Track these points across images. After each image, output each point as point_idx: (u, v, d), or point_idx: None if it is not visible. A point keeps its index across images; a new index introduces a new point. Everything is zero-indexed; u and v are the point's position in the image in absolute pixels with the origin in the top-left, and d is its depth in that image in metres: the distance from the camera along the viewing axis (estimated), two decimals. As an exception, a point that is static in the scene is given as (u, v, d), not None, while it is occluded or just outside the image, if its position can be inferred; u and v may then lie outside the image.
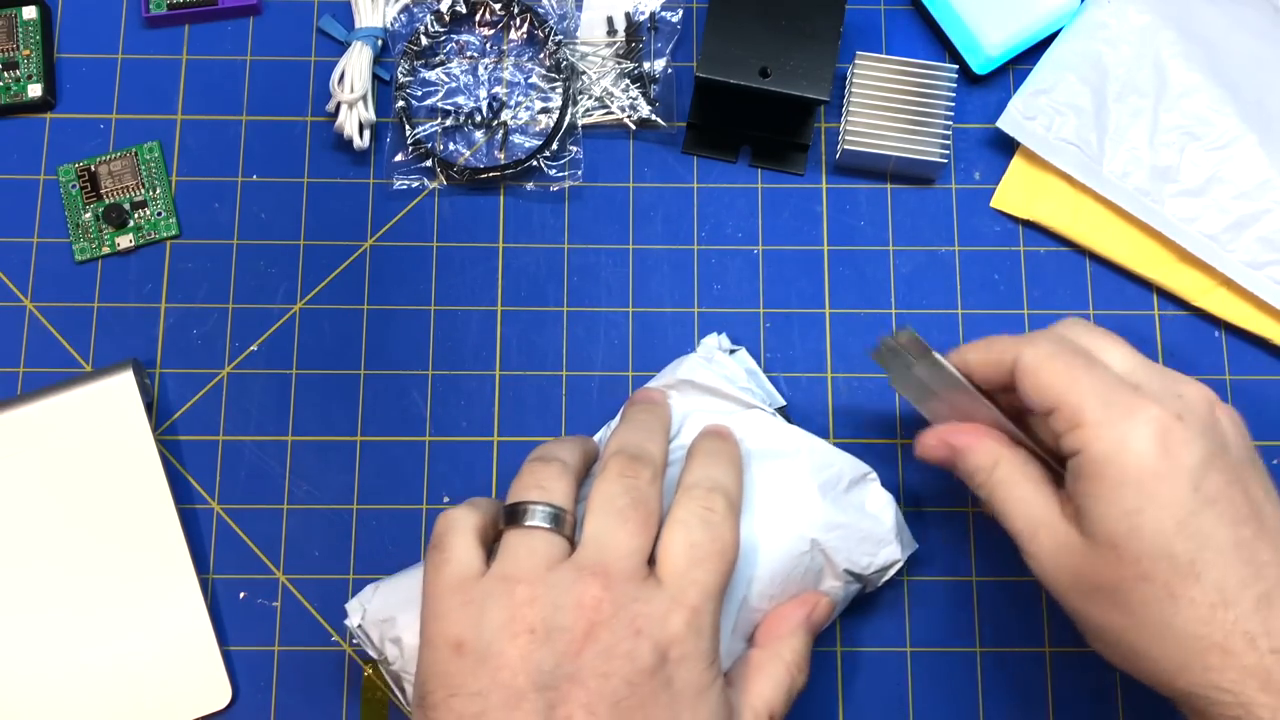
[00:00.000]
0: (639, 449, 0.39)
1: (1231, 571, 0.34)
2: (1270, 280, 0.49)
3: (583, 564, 0.35)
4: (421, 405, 0.49)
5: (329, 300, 0.50)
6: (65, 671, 0.45)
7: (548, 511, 0.37)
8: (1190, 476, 0.34)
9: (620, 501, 0.37)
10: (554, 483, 0.38)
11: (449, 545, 0.37)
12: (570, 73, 0.51)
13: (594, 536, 0.36)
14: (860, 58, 0.51)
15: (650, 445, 0.40)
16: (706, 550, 0.36)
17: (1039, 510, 0.38)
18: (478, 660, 0.34)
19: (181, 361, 0.50)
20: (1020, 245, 0.51)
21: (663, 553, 0.36)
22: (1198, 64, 0.50)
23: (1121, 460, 0.35)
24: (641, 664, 0.34)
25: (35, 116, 0.52)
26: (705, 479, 0.39)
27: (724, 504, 0.38)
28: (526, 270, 0.51)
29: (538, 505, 0.37)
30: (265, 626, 0.47)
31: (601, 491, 0.37)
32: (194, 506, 0.48)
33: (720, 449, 0.41)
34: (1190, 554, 0.34)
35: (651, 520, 0.37)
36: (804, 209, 0.52)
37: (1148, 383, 0.37)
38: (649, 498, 0.37)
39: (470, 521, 0.38)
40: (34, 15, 0.52)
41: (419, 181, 0.51)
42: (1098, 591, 0.36)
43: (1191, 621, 0.34)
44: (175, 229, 0.51)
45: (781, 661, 0.39)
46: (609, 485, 0.37)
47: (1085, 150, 0.50)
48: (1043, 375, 0.37)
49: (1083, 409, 0.36)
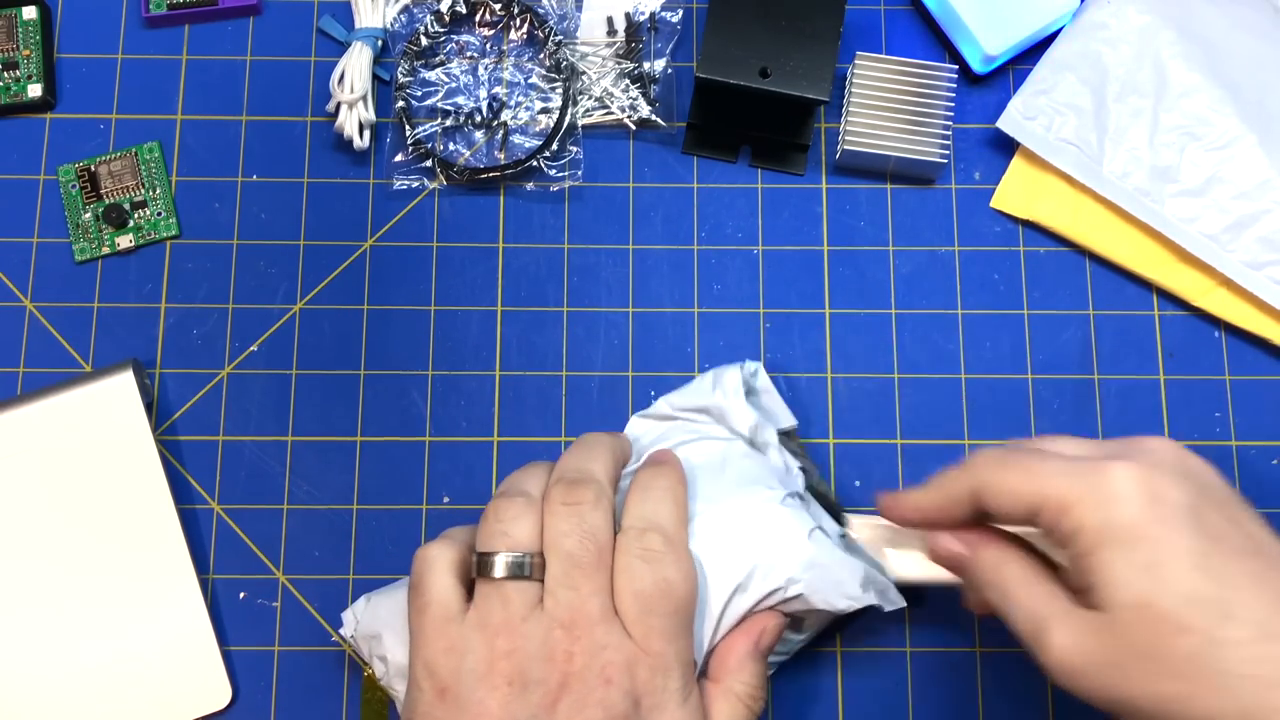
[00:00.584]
0: (577, 471, 0.39)
1: (1260, 604, 0.33)
2: (1270, 280, 0.49)
3: (552, 616, 0.36)
4: (421, 405, 0.49)
5: (329, 300, 0.50)
6: (65, 671, 0.45)
7: (512, 562, 0.37)
8: (1187, 517, 0.34)
9: (569, 543, 0.37)
10: (517, 525, 0.38)
11: (428, 587, 0.38)
12: (570, 73, 0.51)
13: (554, 586, 0.37)
14: (860, 58, 0.51)
15: (591, 465, 0.40)
16: (652, 594, 0.37)
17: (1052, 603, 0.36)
18: (459, 709, 0.36)
19: (181, 361, 0.50)
20: (1020, 245, 0.51)
21: (616, 601, 0.37)
22: (1198, 64, 0.50)
23: (1118, 522, 0.34)
24: (615, 711, 0.36)
25: (35, 116, 0.52)
26: (639, 518, 0.38)
27: (660, 541, 0.38)
28: (526, 270, 0.51)
29: (502, 556, 0.37)
30: (265, 626, 0.47)
31: (549, 529, 0.38)
32: (194, 506, 0.48)
33: (654, 481, 0.40)
34: (1216, 592, 0.33)
35: (604, 553, 0.37)
36: (804, 209, 0.52)
37: (1111, 450, 0.36)
38: (596, 527, 0.37)
39: (446, 560, 0.38)
40: (34, 15, 0.52)
41: (419, 181, 0.51)
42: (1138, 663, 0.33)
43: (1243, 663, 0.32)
44: (175, 229, 0.51)
45: (734, 695, 0.39)
46: (554, 521, 0.38)
47: (1085, 150, 0.50)
48: (1009, 483, 0.36)
49: (1062, 493, 0.34)
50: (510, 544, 0.37)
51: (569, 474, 0.39)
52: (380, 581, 0.47)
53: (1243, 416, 0.49)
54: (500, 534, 0.38)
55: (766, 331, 0.50)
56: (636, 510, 0.39)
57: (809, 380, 0.50)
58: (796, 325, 0.50)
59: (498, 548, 0.37)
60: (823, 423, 0.49)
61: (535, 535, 0.38)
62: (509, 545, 0.37)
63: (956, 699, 0.47)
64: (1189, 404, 0.49)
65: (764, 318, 0.50)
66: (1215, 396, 0.50)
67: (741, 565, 0.40)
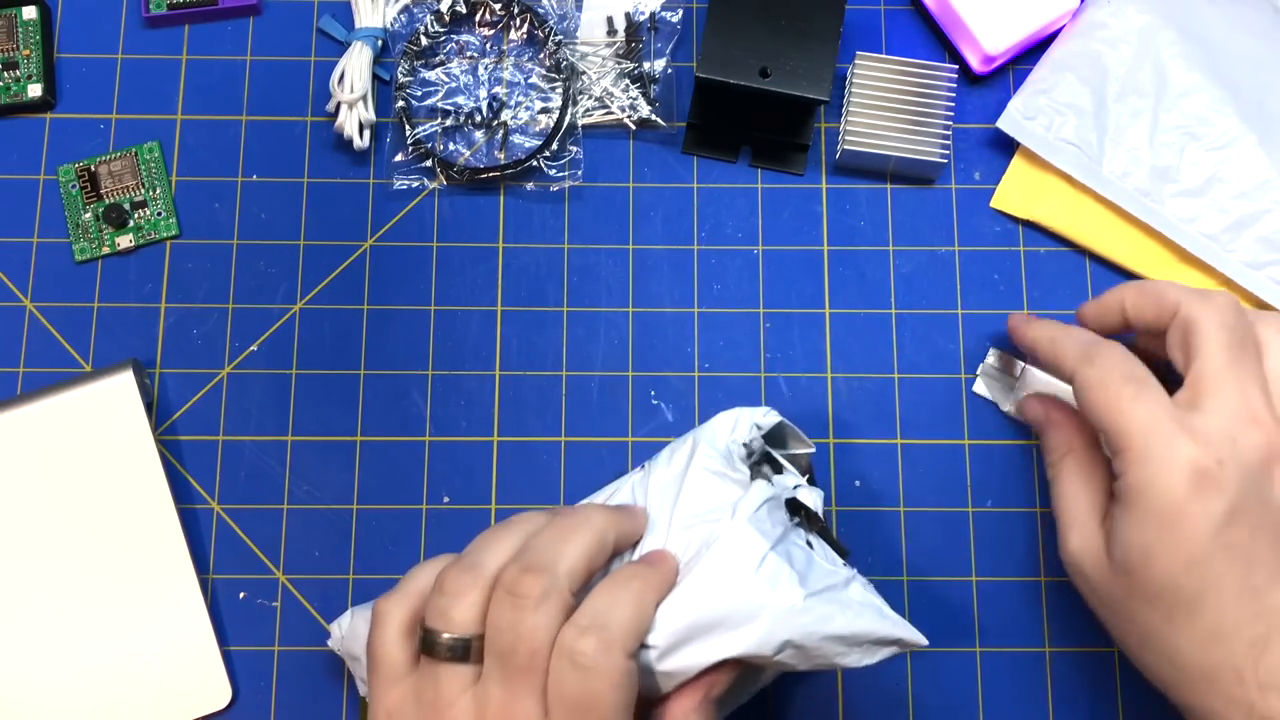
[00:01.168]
0: (539, 555, 0.36)
1: (1230, 613, 0.36)
2: (1270, 280, 0.49)
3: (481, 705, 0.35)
4: (421, 405, 0.49)
5: (329, 300, 0.50)
6: (65, 671, 0.45)
7: (451, 644, 0.36)
8: (1213, 522, 0.36)
9: (504, 640, 0.35)
10: (458, 604, 0.36)
11: (376, 646, 0.37)
12: (570, 73, 0.51)
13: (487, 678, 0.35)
14: (860, 58, 0.51)
15: (560, 549, 0.37)
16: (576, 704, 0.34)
17: (1081, 512, 0.41)
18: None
19: (181, 361, 0.50)
20: (1020, 245, 0.51)
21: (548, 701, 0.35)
22: (1198, 64, 0.50)
23: (1151, 494, 0.37)
24: None
25: (35, 116, 0.52)
26: (588, 614, 0.35)
27: (596, 647, 0.34)
28: (526, 270, 0.51)
29: (443, 637, 0.36)
30: (265, 626, 0.47)
31: (490, 616, 0.36)
32: (194, 506, 0.48)
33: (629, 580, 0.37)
34: (1193, 591, 0.36)
35: (539, 655, 0.35)
36: (804, 209, 0.52)
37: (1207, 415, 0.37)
38: (535, 628, 0.35)
39: (397, 619, 0.37)
40: (34, 15, 0.52)
41: (419, 181, 0.51)
42: (1110, 602, 0.39)
43: (1188, 648, 0.37)
44: (175, 229, 0.51)
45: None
46: (496, 610, 0.36)
47: (1085, 150, 0.50)
48: (1091, 400, 0.39)
49: (1127, 437, 0.37)
50: (449, 625, 0.36)
51: (529, 556, 0.36)
52: (380, 581, 0.47)
53: None
54: (441, 613, 0.36)
55: (766, 331, 0.50)
56: (591, 605, 0.36)
57: (809, 380, 0.50)
58: (796, 325, 0.50)
59: (439, 627, 0.36)
60: (823, 423, 0.49)
61: (478, 617, 0.36)
62: (449, 626, 0.36)
63: (955, 699, 0.47)
64: (1189, 404, 0.49)
65: (764, 318, 0.50)
66: (1215, 396, 0.50)
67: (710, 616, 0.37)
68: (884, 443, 0.49)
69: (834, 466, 0.49)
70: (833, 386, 0.50)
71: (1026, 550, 0.48)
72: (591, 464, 0.49)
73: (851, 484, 0.49)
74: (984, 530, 0.48)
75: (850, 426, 0.49)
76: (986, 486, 0.49)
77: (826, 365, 0.50)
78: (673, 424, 0.49)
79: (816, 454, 0.49)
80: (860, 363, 0.50)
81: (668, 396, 0.50)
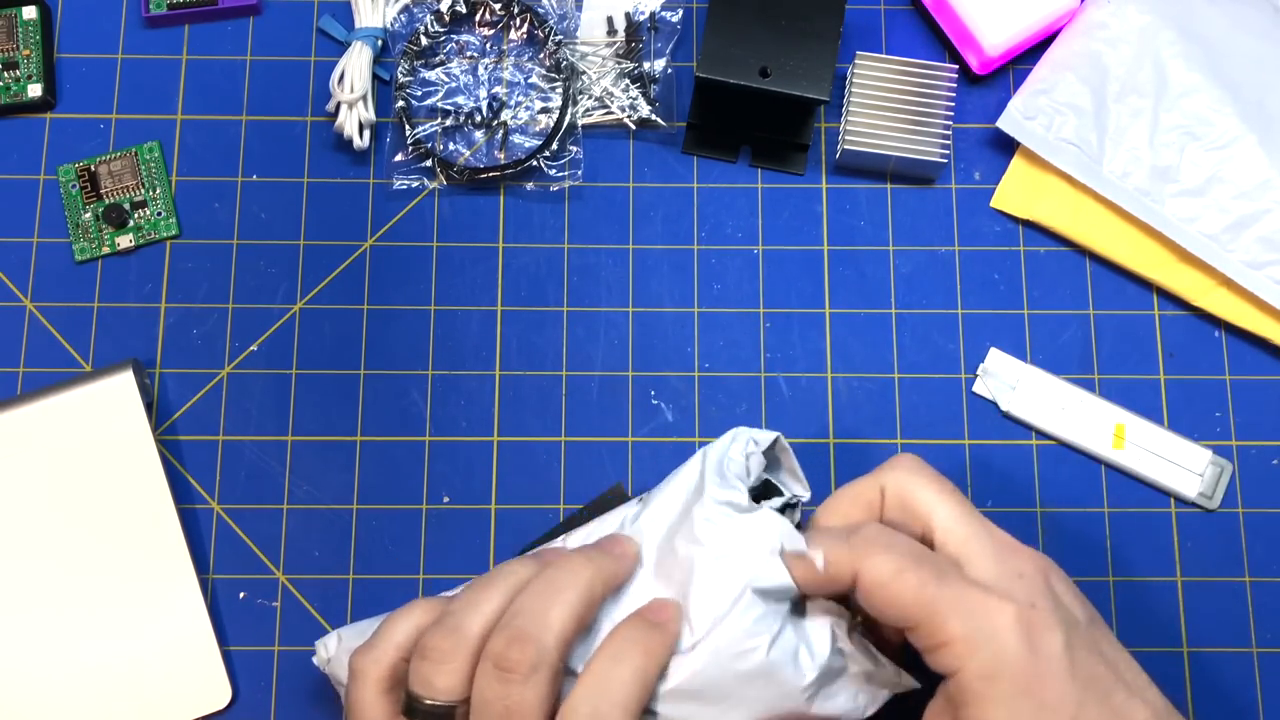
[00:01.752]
0: (527, 621, 0.35)
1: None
2: (1270, 280, 0.49)
3: None
4: (421, 405, 0.49)
5: (329, 300, 0.50)
6: (65, 671, 0.45)
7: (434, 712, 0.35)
8: (1064, 666, 0.34)
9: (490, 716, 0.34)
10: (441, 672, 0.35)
11: (353, 704, 0.37)
12: (570, 73, 0.51)
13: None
14: (860, 58, 0.51)
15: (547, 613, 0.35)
16: None
17: None
18: None
19: (181, 361, 0.50)
20: (1020, 245, 0.51)
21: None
22: (1198, 64, 0.50)
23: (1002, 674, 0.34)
24: None
25: (35, 116, 0.52)
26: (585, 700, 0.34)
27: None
28: (526, 270, 0.51)
29: (425, 704, 0.35)
30: (265, 626, 0.47)
31: (476, 688, 0.35)
32: (194, 506, 0.48)
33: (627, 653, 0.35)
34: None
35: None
36: (804, 209, 0.52)
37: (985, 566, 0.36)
38: (523, 704, 0.33)
39: (375, 676, 0.37)
40: (34, 15, 0.52)
41: (419, 181, 0.51)
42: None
43: None
44: (175, 229, 0.51)
45: None
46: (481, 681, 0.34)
47: (1085, 150, 0.50)
48: (892, 593, 0.35)
49: (946, 628, 0.34)
50: (433, 692, 0.35)
51: (516, 623, 0.35)
52: (380, 581, 0.47)
53: (1243, 416, 0.49)
54: (424, 680, 0.35)
55: (766, 331, 0.50)
56: (587, 689, 0.34)
57: (809, 380, 0.50)
58: (796, 325, 0.50)
59: (422, 693, 0.35)
60: (823, 423, 0.49)
61: (461, 684, 0.35)
62: (432, 692, 0.35)
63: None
64: (1189, 404, 0.49)
65: (764, 318, 0.50)
66: (1215, 396, 0.50)
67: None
68: (884, 443, 0.49)
69: (834, 466, 0.49)
70: (833, 386, 0.50)
71: (1026, 550, 0.48)
72: (591, 464, 0.49)
73: (851, 484, 0.49)
74: (984, 530, 0.48)
75: (850, 426, 0.49)
76: (986, 486, 0.49)
77: (826, 365, 0.50)
78: (673, 424, 0.49)
79: (816, 454, 0.49)
80: (860, 363, 0.50)
81: (668, 396, 0.50)
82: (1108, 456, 0.48)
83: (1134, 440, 0.49)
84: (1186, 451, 0.48)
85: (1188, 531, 0.48)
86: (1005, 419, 0.49)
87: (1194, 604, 0.48)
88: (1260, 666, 0.47)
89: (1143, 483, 0.49)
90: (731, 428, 0.40)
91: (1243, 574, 0.48)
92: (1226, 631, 0.47)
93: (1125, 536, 0.48)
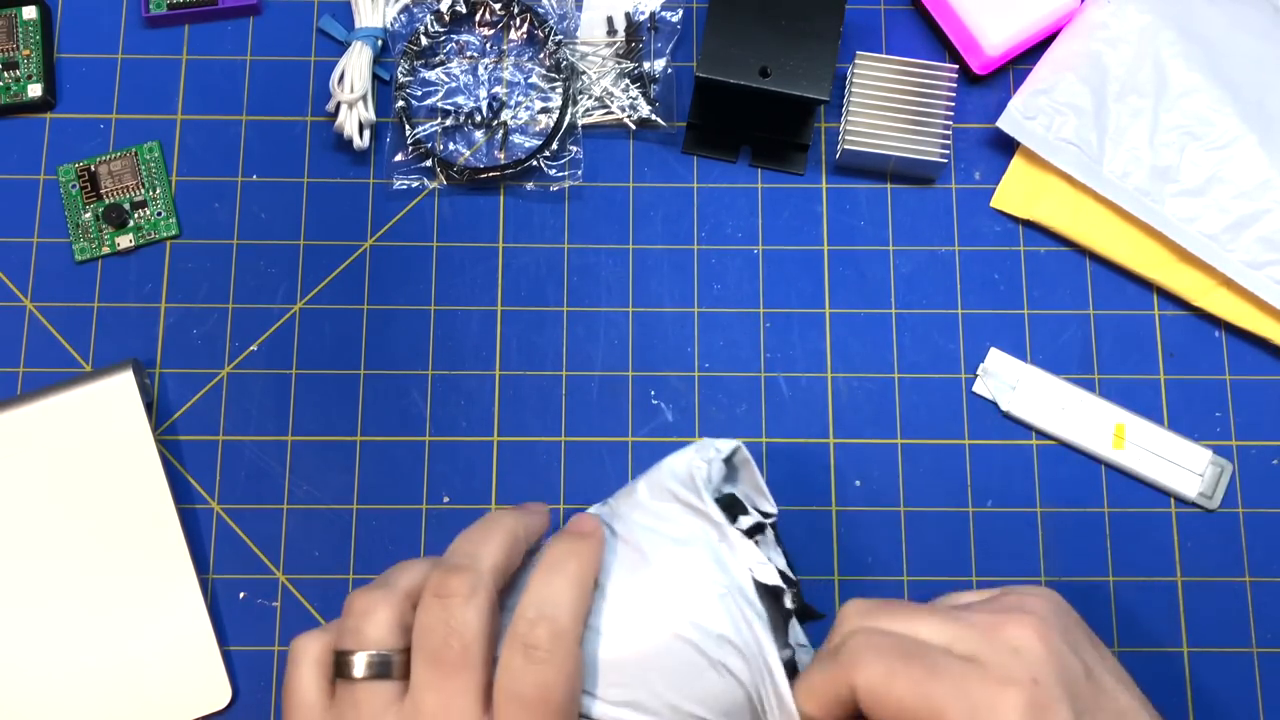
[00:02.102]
0: (460, 557, 0.36)
1: None
2: (1270, 280, 0.49)
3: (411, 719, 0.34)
4: (421, 405, 0.49)
5: (329, 300, 0.50)
6: (65, 671, 0.45)
7: (370, 661, 0.34)
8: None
9: (433, 640, 0.34)
10: (369, 620, 0.35)
11: (290, 684, 0.36)
12: (570, 73, 0.51)
13: (416, 687, 0.34)
14: (860, 58, 0.51)
15: (478, 549, 0.36)
16: (529, 699, 0.33)
17: None
18: None
19: (181, 361, 0.50)
20: (1020, 245, 0.51)
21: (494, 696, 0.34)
22: (1198, 64, 0.50)
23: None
24: None
25: (35, 116, 0.52)
26: (533, 605, 0.35)
27: (548, 637, 0.33)
28: (526, 270, 0.51)
29: (359, 655, 0.34)
30: (265, 626, 0.47)
31: (416, 624, 0.35)
32: (194, 506, 0.48)
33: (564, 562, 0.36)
34: None
35: (472, 650, 0.34)
36: (804, 209, 0.52)
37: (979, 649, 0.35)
38: (465, 622, 0.34)
39: (311, 654, 0.36)
40: (34, 15, 0.52)
41: (419, 181, 0.51)
42: None
43: None
44: (175, 229, 0.51)
45: None
46: (421, 615, 0.34)
47: (1085, 150, 0.50)
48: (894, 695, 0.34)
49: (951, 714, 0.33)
50: (363, 642, 0.35)
51: (449, 560, 0.36)
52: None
53: (1243, 416, 0.49)
54: (353, 633, 0.35)
55: (766, 331, 0.50)
56: (534, 594, 0.35)
57: (809, 380, 0.50)
58: (796, 325, 0.50)
59: (350, 646, 0.35)
60: (823, 423, 0.49)
61: (394, 630, 0.35)
62: (362, 643, 0.35)
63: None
64: (1189, 404, 0.49)
65: (764, 318, 0.50)
66: (1215, 396, 0.50)
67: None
68: (884, 443, 0.49)
69: (834, 466, 0.49)
70: (833, 386, 0.50)
71: (1026, 550, 0.48)
72: (591, 464, 0.49)
73: (851, 484, 0.49)
74: (984, 530, 0.48)
75: (850, 426, 0.49)
76: (986, 486, 0.49)
77: (826, 365, 0.50)
78: (673, 424, 0.49)
79: (816, 454, 0.49)
80: (860, 363, 0.50)
81: (668, 396, 0.50)
82: (1108, 456, 0.48)
83: (1134, 440, 0.49)
84: (1186, 451, 0.49)
85: (1188, 531, 0.48)
86: (1005, 419, 0.49)
87: (1194, 604, 0.48)
88: (1260, 666, 0.47)
89: (1143, 483, 0.49)
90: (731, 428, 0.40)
91: (1243, 574, 0.48)
92: (1226, 631, 0.47)
93: (1125, 536, 0.48)
